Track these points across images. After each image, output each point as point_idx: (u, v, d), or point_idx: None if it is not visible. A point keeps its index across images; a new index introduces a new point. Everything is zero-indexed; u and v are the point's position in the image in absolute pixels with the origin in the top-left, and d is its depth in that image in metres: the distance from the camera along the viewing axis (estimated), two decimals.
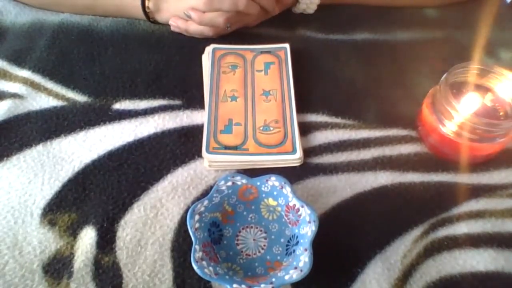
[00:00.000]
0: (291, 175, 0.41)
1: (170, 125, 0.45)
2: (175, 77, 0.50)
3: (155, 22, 0.55)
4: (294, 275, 0.32)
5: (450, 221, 0.39)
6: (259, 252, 0.37)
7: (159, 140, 0.44)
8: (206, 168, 0.42)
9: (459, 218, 0.39)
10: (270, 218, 0.39)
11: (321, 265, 0.33)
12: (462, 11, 0.60)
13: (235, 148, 0.42)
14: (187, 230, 0.35)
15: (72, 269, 0.35)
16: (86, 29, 0.54)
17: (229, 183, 0.38)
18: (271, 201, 0.39)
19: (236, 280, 0.33)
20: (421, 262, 0.37)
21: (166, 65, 0.51)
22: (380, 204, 0.40)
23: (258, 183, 0.38)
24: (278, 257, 0.36)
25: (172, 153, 0.43)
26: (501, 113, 0.42)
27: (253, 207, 0.39)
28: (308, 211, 0.35)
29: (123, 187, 0.40)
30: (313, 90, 0.49)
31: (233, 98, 0.47)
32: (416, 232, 0.38)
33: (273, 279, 0.33)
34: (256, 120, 0.45)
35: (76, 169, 0.41)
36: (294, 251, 0.35)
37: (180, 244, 0.37)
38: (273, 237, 0.37)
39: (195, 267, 0.32)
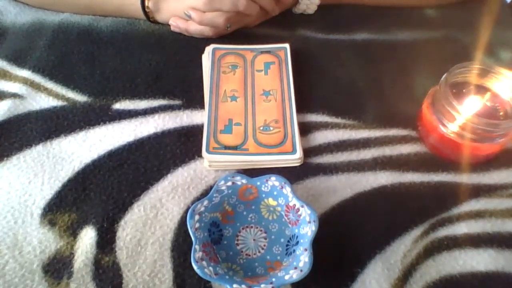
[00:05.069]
0: (291, 175, 0.41)
1: (170, 125, 0.45)
2: (175, 77, 0.50)
3: (155, 22, 0.55)
4: (294, 275, 0.32)
5: (450, 221, 0.39)
6: (259, 252, 0.37)
7: (159, 140, 0.44)
8: (206, 168, 0.42)
9: (459, 218, 0.39)
10: (270, 218, 0.39)
11: (321, 265, 0.33)
12: (462, 11, 0.60)
13: (235, 148, 0.42)
14: (187, 230, 0.35)
15: (72, 269, 0.35)
16: (86, 29, 0.54)
17: (229, 183, 0.38)
18: (271, 201, 0.39)
19: (236, 280, 0.33)
20: (421, 262, 0.37)
21: (166, 65, 0.51)
22: (380, 204, 0.40)
23: (258, 183, 0.38)
24: (278, 257, 0.36)
25: (172, 153, 0.43)
26: (501, 113, 0.42)
27: (253, 207, 0.39)
28: (308, 211, 0.35)
29: (123, 187, 0.40)
30: (313, 90, 0.49)
31: (233, 98, 0.47)
32: (416, 232, 0.38)
33: (273, 279, 0.33)
34: (256, 120, 0.45)
35: (76, 169, 0.41)
36: (294, 251, 0.35)
37: (180, 244, 0.37)
38: (273, 237, 0.37)
39: (195, 267, 0.32)
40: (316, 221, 0.34)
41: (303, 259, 0.33)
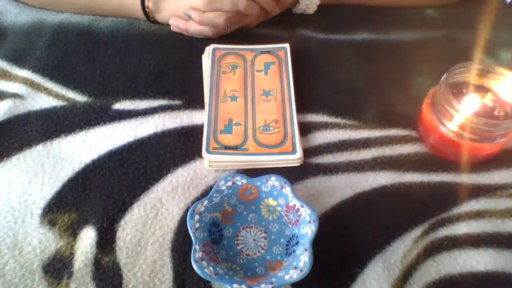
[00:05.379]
0: (291, 175, 0.41)
1: (170, 125, 0.45)
2: (175, 77, 0.50)
3: (155, 21, 0.55)
4: (294, 275, 0.32)
5: (450, 221, 0.39)
6: (259, 252, 0.37)
7: (159, 140, 0.44)
8: (206, 168, 0.42)
9: (459, 218, 0.39)
10: (270, 218, 0.39)
11: (321, 265, 0.33)
12: (462, 11, 0.60)
13: (235, 148, 0.42)
14: (187, 230, 0.35)
15: (72, 269, 0.35)
16: (86, 29, 0.54)
17: (229, 183, 0.38)
18: (271, 201, 0.39)
19: (236, 280, 0.33)
20: (421, 262, 0.37)
21: (166, 65, 0.51)
22: (380, 204, 0.40)
23: (258, 183, 0.38)
24: (278, 257, 0.36)
25: (172, 153, 0.43)
26: (501, 113, 0.42)
27: (253, 207, 0.39)
28: (308, 211, 0.35)
29: (123, 187, 0.40)
30: (313, 90, 0.49)
31: (233, 98, 0.47)
32: (416, 232, 0.38)
33: (273, 279, 0.33)
34: (256, 120, 0.45)
35: (76, 169, 0.41)
36: (294, 251, 0.35)
37: (180, 244, 0.37)
38: (273, 237, 0.37)
39: (195, 267, 0.32)
40: (316, 221, 0.34)
41: (303, 259, 0.33)
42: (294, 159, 0.42)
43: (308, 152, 0.44)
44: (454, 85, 0.42)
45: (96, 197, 0.39)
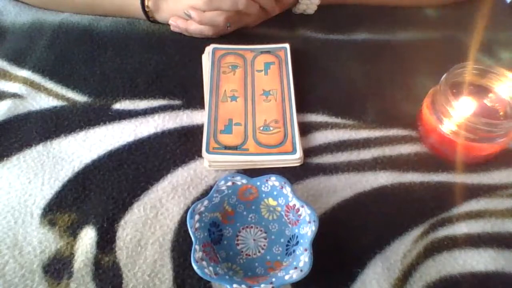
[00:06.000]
0: (291, 175, 0.41)
1: (170, 125, 0.45)
2: (175, 77, 0.50)
3: (154, 21, 0.55)
4: (294, 275, 0.32)
5: (450, 221, 0.39)
6: (259, 252, 0.37)
7: (159, 140, 0.44)
8: (206, 168, 0.42)
9: (459, 218, 0.39)
10: (270, 218, 0.39)
11: (321, 265, 0.33)
12: (462, 11, 0.60)
13: (235, 148, 0.42)
14: (187, 230, 0.35)
15: (72, 269, 0.35)
16: (86, 29, 0.54)
17: (229, 183, 0.38)
18: (271, 201, 0.39)
19: (236, 280, 0.33)
20: (421, 262, 0.37)
21: (166, 65, 0.51)
22: (380, 204, 0.40)
23: (258, 183, 0.38)
24: (278, 257, 0.36)
25: (172, 153, 0.43)
26: (501, 113, 0.42)
27: (253, 207, 0.39)
28: (308, 211, 0.35)
29: (123, 187, 0.40)
30: (313, 90, 0.49)
31: (233, 98, 0.47)
32: (416, 232, 0.38)
33: (273, 279, 0.33)
34: (256, 120, 0.45)
35: (76, 169, 0.41)
36: (294, 251, 0.35)
37: (180, 244, 0.37)
38: (273, 237, 0.37)
39: (195, 267, 0.32)
40: (316, 221, 0.34)
41: (303, 259, 0.33)
42: (294, 159, 0.42)
43: (308, 152, 0.44)
44: (454, 85, 0.42)
45: (96, 197, 0.39)
